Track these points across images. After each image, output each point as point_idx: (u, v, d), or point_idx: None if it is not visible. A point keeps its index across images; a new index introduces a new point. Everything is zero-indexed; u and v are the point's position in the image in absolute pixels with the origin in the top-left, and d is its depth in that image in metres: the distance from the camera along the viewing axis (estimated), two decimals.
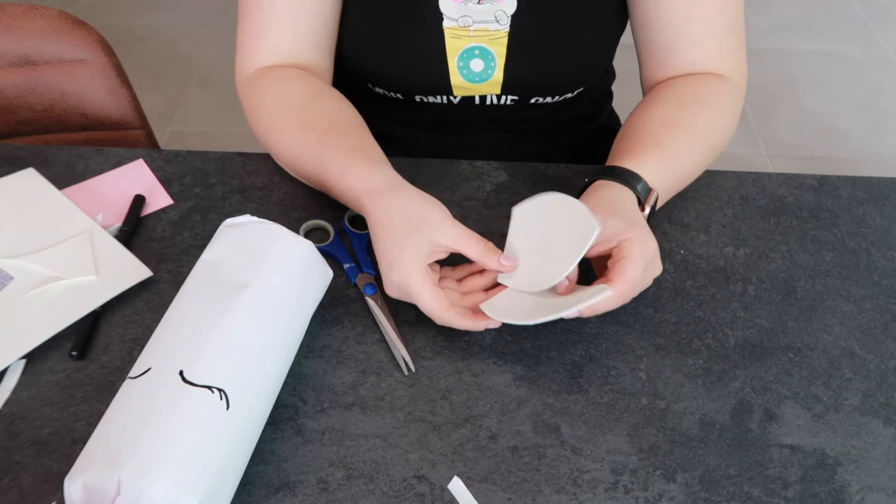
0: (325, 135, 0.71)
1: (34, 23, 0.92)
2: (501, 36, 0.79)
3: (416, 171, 0.80)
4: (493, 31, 0.78)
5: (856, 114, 2.22)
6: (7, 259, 0.68)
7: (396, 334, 0.64)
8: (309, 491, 0.55)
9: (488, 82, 0.82)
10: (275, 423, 0.59)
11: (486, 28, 0.78)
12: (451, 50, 0.79)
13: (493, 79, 0.81)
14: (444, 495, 0.55)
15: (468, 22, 0.78)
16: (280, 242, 0.61)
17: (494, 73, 0.81)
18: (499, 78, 0.81)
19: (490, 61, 0.80)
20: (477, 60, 0.80)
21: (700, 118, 0.74)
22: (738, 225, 0.76)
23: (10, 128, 0.97)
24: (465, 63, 0.80)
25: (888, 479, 0.57)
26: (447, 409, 0.60)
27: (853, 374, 0.64)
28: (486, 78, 0.81)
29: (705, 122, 0.75)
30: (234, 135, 2.05)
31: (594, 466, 0.57)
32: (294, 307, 0.61)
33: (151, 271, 0.68)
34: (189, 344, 0.54)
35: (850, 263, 0.73)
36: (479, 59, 0.80)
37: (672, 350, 0.65)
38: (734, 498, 0.55)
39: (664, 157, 0.70)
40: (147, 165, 0.80)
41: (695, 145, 0.73)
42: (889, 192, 0.80)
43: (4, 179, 0.75)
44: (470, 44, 0.79)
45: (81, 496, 0.47)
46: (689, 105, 0.75)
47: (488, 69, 0.80)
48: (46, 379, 0.61)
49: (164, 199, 0.76)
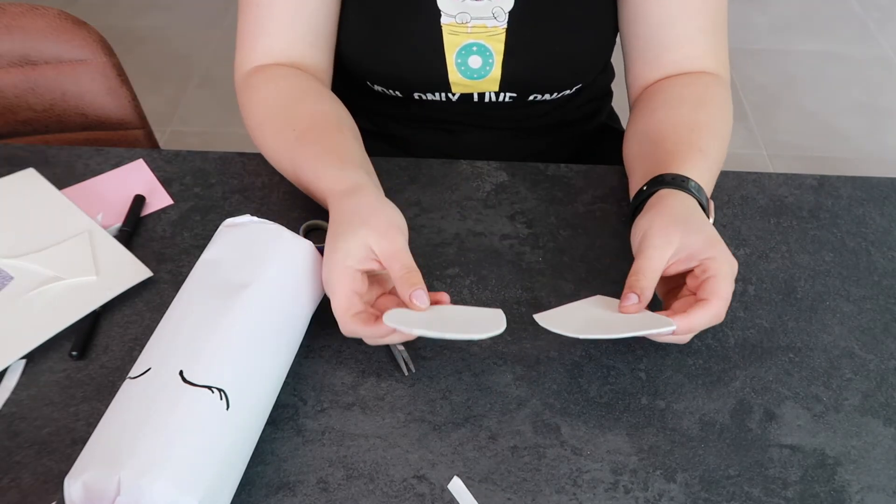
0: (301, 135, 0.71)
1: (34, 23, 0.92)
2: (499, 32, 0.79)
3: (417, 171, 0.80)
4: (490, 28, 0.79)
5: (856, 114, 2.22)
6: (7, 259, 0.68)
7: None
8: (309, 491, 0.55)
9: (486, 79, 0.82)
10: (275, 423, 0.59)
11: (484, 24, 0.78)
12: (448, 47, 0.80)
13: (490, 75, 0.81)
14: (444, 495, 0.55)
15: (466, 18, 0.78)
16: (280, 242, 0.61)
17: (492, 70, 0.81)
18: (496, 74, 0.81)
19: (488, 58, 0.80)
20: (475, 57, 0.80)
21: (718, 119, 0.74)
22: (738, 225, 0.76)
23: (10, 128, 0.97)
24: (464, 60, 0.80)
25: (888, 479, 0.57)
26: (447, 409, 0.60)
27: (853, 374, 0.64)
28: (483, 75, 0.81)
29: (722, 122, 0.75)
30: (234, 135, 2.05)
31: (594, 466, 0.57)
32: (294, 307, 0.61)
33: (151, 271, 0.68)
34: (189, 344, 0.54)
35: (850, 263, 0.73)
36: (477, 55, 0.80)
37: (672, 350, 0.65)
38: (734, 498, 0.55)
39: (707, 162, 0.69)
40: (147, 165, 0.80)
41: (722, 147, 0.73)
42: (889, 192, 0.80)
43: (5, 179, 0.75)
44: (468, 40, 0.79)
45: (81, 496, 0.47)
46: (706, 106, 0.75)
47: (486, 66, 0.81)
48: (46, 379, 0.61)
49: (164, 199, 0.76)
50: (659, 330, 0.57)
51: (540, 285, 0.69)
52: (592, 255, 0.72)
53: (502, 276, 0.70)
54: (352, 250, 0.59)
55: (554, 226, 0.75)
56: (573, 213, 0.76)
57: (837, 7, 2.68)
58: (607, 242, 0.73)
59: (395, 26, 0.80)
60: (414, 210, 0.76)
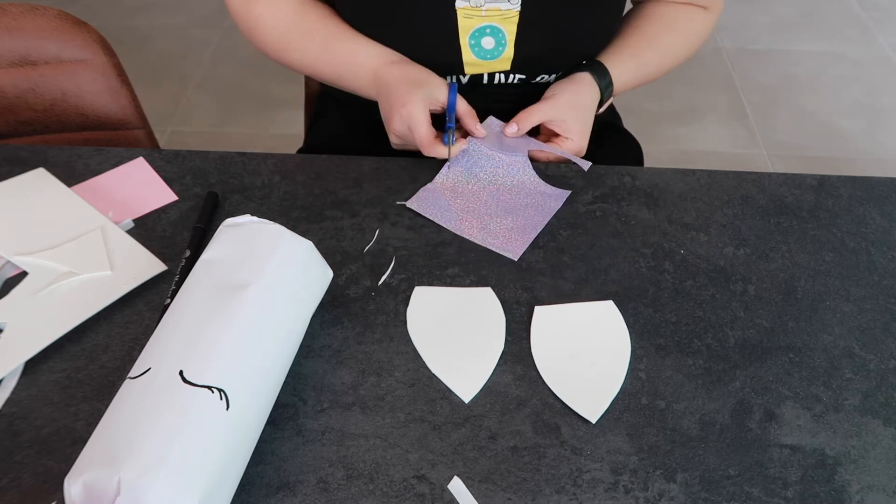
0: (325, 41, 0.85)
1: (34, 23, 0.92)
2: (513, 15, 0.81)
3: (417, 171, 0.80)
4: (504, 11, 0.81)
5: (856, 114, 2.22)
6: (22, 256, 0.69)
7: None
8: (309, 491, 0.55)
9: (499, 59, 0.84)
10: (275, 423, 0.59)
11: (498, 8, 0.81)
12: (463, 30, 0.82)
13: (503, 55, 0.84)
14: (444, 495, 0.55)
15: (480, 2, 0.80)
16: (280, 242, 0.61)
17: (505, 50, 0.83)
18: (509, 54, 0.84)
19: (501, 39, 0.82)
20: (488, 38, 0.82)
21: (674, 39, 0.91)
22: (738, 225, 0.76)
23: (10, 128, 0.97)
24: (477, 41, 0.83)
25: (888, 479, 0.57)
26: (447, 409, 0.60)
27: (853, 374, 0.64)
28: (496, 55, 0.84)
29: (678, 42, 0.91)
30: (234, 135, 2.05)
31: (594, 466, 0.57)
32: (294, 307, 0.61)
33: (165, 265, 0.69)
34: (189, 344, 0.54)
35: (850, 263, 0.73)
36: (490, 36, 0.82)
37: (672, 350, 0.65)
38: (734, 498, 0.55)
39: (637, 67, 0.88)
40: (147, 163, 0.80)
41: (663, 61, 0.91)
42: (889, 192, 0.80)
43: (16, 179, 0.76)
44: (482, 23, 0.81)
45: (81, 496, 0.47)
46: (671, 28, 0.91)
47: (499, 46, 0.83)
48: (46, 379, 0.61)
49: (168, 195, 0.76)
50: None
51: (540, 285, 0.69)
52: (592, 255, 0.72)
53: (502, 276, 0.70)
54: (425, 97, 0.78)
55: (554, 226, 0.75)
56: (573, 213, 0.76)
57: (837, 7, 2.68)
58: (607, 242, 0.73)
59: (411, 10, 0.82)
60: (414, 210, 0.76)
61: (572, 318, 0.66)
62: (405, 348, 0.64)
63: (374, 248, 0.72)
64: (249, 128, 2.04)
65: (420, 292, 0.68)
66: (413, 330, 0.65)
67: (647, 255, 0.72)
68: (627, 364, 0.63)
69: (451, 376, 0.62)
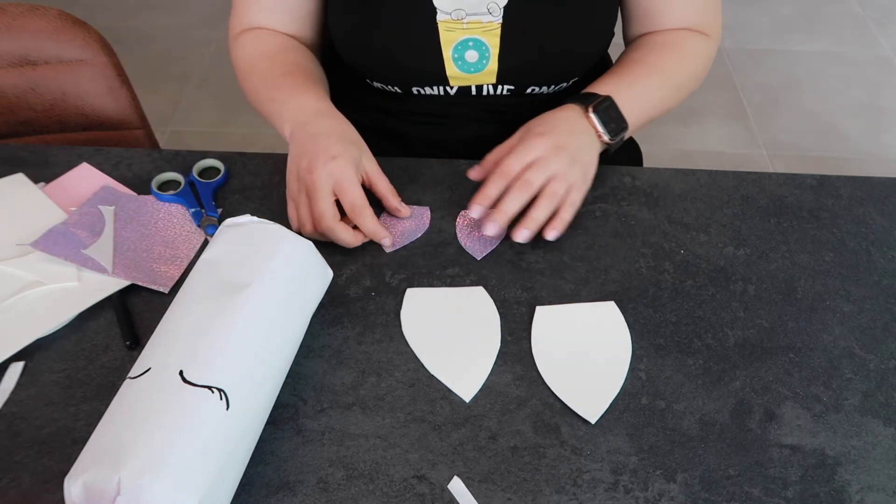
0: (281, 75, 0.80)
1: (34, 23, 0.92)
2: (494, 27, 0.80)
3: (417, 171, 0.80)
4: (486, 23, 0.80)
5: (856, 114, 2.22)
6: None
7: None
8: (309, 491, 0.55)
9: (483, 72, 0.83)
10: (275, 423, 0.59)
11: (479, 20, 0.79)
12: (445, 43, 0.80)
13: (487, 68, 0.82)
14: (444, 495, 0.55)
15: (461, 15, 0.79)
16: (280, 242, 0.61)
17: (489, 64, 0.82)
18: (493, 67, 0.82)
19: (484, 52, 0.81)
20: (471, 52, 0.81)
21: (672, 63, 0.84)
22: (738, 225, 0.76)
23: (10, 128, 0.97)
24: (460, 55, 0.81)
25: (888, 479, 0.57)
26: (447, 409, 0.60)
27: (853, 374, 0.64)
28: (480, 68, 0.82)
29: (676, 67, 0.84)
30: (234, 135, 2.05)
31: (594, 466, 0.57)
32: (294, 307, 0.61)
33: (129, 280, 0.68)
34: (189, 344, 0.54)
35: (850, 263, 0.73)
36: (474, 50, 0.81)
37: (672, 350, 0.65)
38: (734, 498, 0.55)
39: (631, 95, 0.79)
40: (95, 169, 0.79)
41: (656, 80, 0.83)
42: (889, 192, 0.80)
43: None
44: (464, 36, 0.80)
45: (81, 496, 0.47)
46: (660, 51, 0.85)
47: (483, 59, 0.82)
48: (46, 379, 0.61)
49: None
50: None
51: (540, 285, 0.69)
52: (592, 255, 0.72)
53: (502, 276, 0.70)
54: (361, 159, 0.71)
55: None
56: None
57: (837, 7, 2.68)
58: (607, 242, 0.73)
59: (392, 24, 0.80)
60: None
61: (573, 319, 0.66)
62: (405, 348, 0.64)
63: (374, 248, 0.72)
64: (249, 128, 2.04)
65: (412, 294, 0.68)
66: (408, 332, 0.65)
67: (647, 255, 0.72)
68: (628, 365, 0.63)
69: (450, 376, 0.62)
